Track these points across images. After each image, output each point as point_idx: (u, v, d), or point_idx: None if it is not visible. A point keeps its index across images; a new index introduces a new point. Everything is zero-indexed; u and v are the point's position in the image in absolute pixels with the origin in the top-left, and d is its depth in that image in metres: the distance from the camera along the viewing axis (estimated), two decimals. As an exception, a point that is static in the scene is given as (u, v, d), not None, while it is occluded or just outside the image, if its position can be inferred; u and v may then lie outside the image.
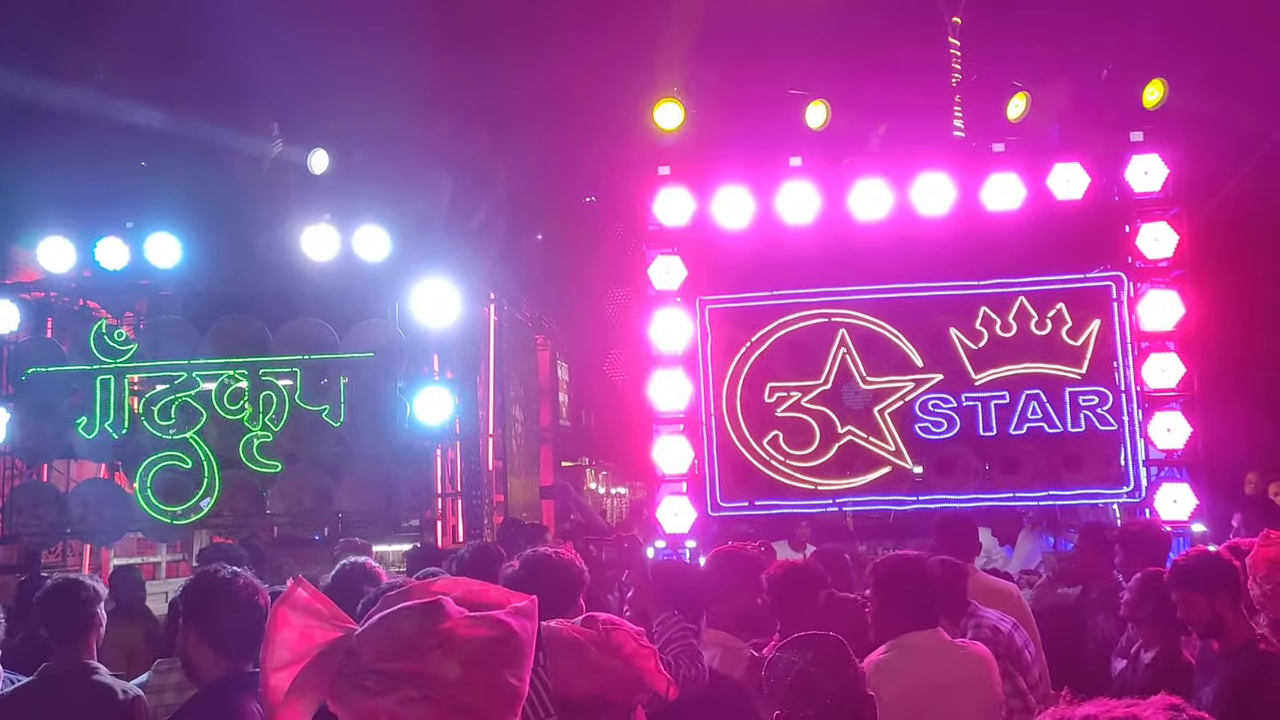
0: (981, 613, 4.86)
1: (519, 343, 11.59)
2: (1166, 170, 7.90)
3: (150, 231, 8.68)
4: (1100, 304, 8.03)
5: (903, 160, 8.21)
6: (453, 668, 1.54)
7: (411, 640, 1.54)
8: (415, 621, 1.56)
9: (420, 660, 1.54)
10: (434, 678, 1.53)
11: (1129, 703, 1.35)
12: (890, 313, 8.27)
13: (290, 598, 1.59)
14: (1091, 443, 7.96)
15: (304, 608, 1.59)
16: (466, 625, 1.58)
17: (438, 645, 1.54)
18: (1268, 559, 3.28)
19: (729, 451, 8.31)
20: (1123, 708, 1.33)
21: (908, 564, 3.90)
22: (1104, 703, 1.36)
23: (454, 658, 1.55)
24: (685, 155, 8.54)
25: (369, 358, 8.55)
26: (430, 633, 1.55)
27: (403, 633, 1.55)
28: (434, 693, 1.53)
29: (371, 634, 1.57)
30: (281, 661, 1.56)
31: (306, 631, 1.57)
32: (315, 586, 1.65)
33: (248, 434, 8.41)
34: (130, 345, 8.64)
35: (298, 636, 1.57)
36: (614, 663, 2.54)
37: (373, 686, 1.53)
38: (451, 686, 1.54)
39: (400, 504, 8.64)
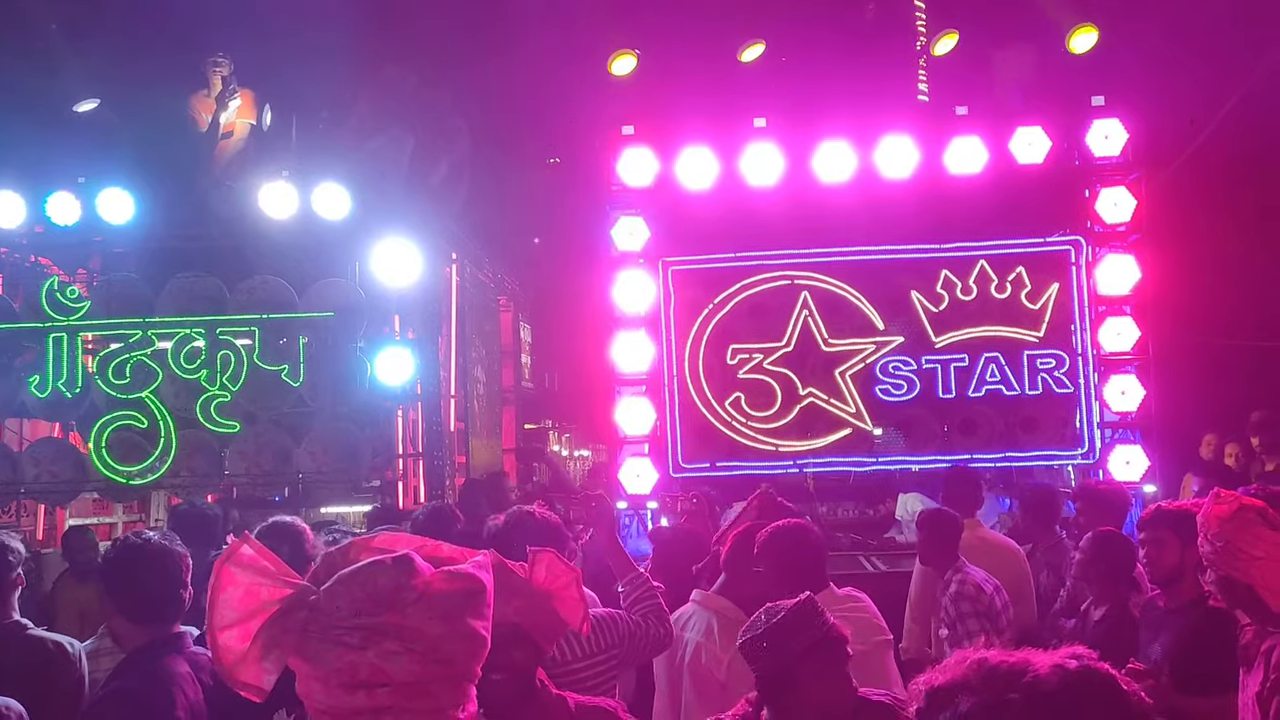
0: (968, 569, 4.96)
1: (482, 303, 11.52)
2: (1126, 135, 7.96)
3: (103, 186, 8.47)
4: (1059, 268, 8.11)
5: (867, 122, 8.20)
6: (433, 621, 1.56)
7: (390, 595, 1.55)
8: (391, 576, 1.57)
9: (401, 614, 1.55)
10: (416, 631, 1.55)
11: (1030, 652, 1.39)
12: (852, 275, 8.30)
13: (234, 555, 1.58)
14: (1048, 405, 8.07)
15: (249, 565, 1.58)
16: (442, 579, 1.60)
17: (417, 599, 1.56)
18: (1219, 516, 3.34)
19: (691, 413, 8.34)
20: (1021, 653, 1.37)
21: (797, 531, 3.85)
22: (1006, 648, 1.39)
23: (434, 611, 1.56)
24: (649, 115, 8.48)
25: (329, 317, 8.44)
26: (408, 587, 1.56)
27: (380, 587, 1.56)
28: (417, 645, 1.55)
29: (345, 589, 1.56)
30: (228, 620, 1.56)
31: (253, 589, 1.57)
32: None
33: (205, 394, 8.30)
34: (83, 303, 8.46)
35: (243, 594, 1.56)
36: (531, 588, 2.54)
37: (352, 641, 1.53)
38: (434, 639, 1.56)
39: (361, 465, 8.58)
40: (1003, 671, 1.33)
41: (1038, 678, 1.31)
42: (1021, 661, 1.34)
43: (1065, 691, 1.30)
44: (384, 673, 1.53)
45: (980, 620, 4.82)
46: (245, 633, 1.55)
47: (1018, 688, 1.31)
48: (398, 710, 1.54)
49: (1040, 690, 1.31)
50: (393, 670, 1.53)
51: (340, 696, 1.55)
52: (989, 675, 1.33)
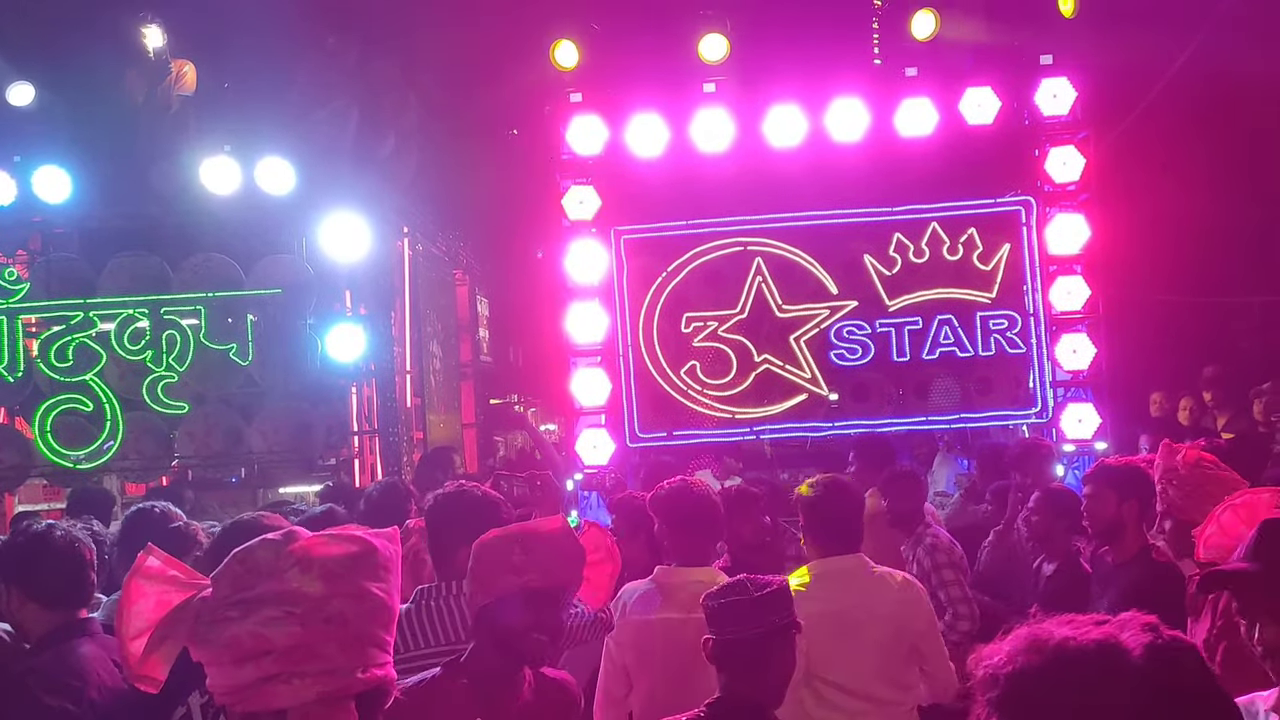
0: (935, 526, 5.23)
1: (436, 278, 11.38)
2: (1075, 93, 7.96)
3: (38, 164, 8.25)
4: (1010, 228, 8.13)
5: (817, 86, 8.14)
6: (312, 583, 1.56)
7: (267, 565, 1.56)
8: (268, 547, 1.58)
9: (279, 580, 1.55)
10: (295, 594, 1.55)
11: (1104, 620, 1.33)
12: (805, 240, 8.28)
13: (141, 569, 1.60)
14: (1001, 366, 8.12)
15: (156, 576, 1.60)
16: (321, 544, 1.60)
17: (294, 564, 1.56)
18: (1191, 461, 3.37)
19: (647, 382, 8.30)
20: (1099, 630, 1.31)
21: (835, 489, 3.86)
22: (1080, 623, 1.33)
23: (312, 573, 1.56)
24: (597, 82, 8.36)
25: (277, 294, 8.31)
26: (284, 555, 1.57)
27: (257, 560, 1.57)
28: (297, 609, 1.54)
29: (226, 570, 1.58)
30: (138, 629, 1.58)
31: (163, 598, 1.59)
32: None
33: (151, 375, 8.15)
34: (22, 284, 8.27)
35: (154, 605, 1.58)
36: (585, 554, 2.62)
37: (234, 615, 1.54)
38: (315, 601, 1.55)
39: (315, 443, 8.48)
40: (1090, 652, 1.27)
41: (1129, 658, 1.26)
42: (1107, 637, 1.28)
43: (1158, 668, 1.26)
44: (266, 639, 1.53)
45: (955, 570, 5.02)
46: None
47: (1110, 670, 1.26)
48: (286, 676, 1.53)
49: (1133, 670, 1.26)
50: (274, 635, 1.53)
51: (232, 673, 1.55)
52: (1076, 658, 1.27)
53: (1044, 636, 1.30)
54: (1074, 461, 7.78)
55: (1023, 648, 1.31)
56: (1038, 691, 1.27)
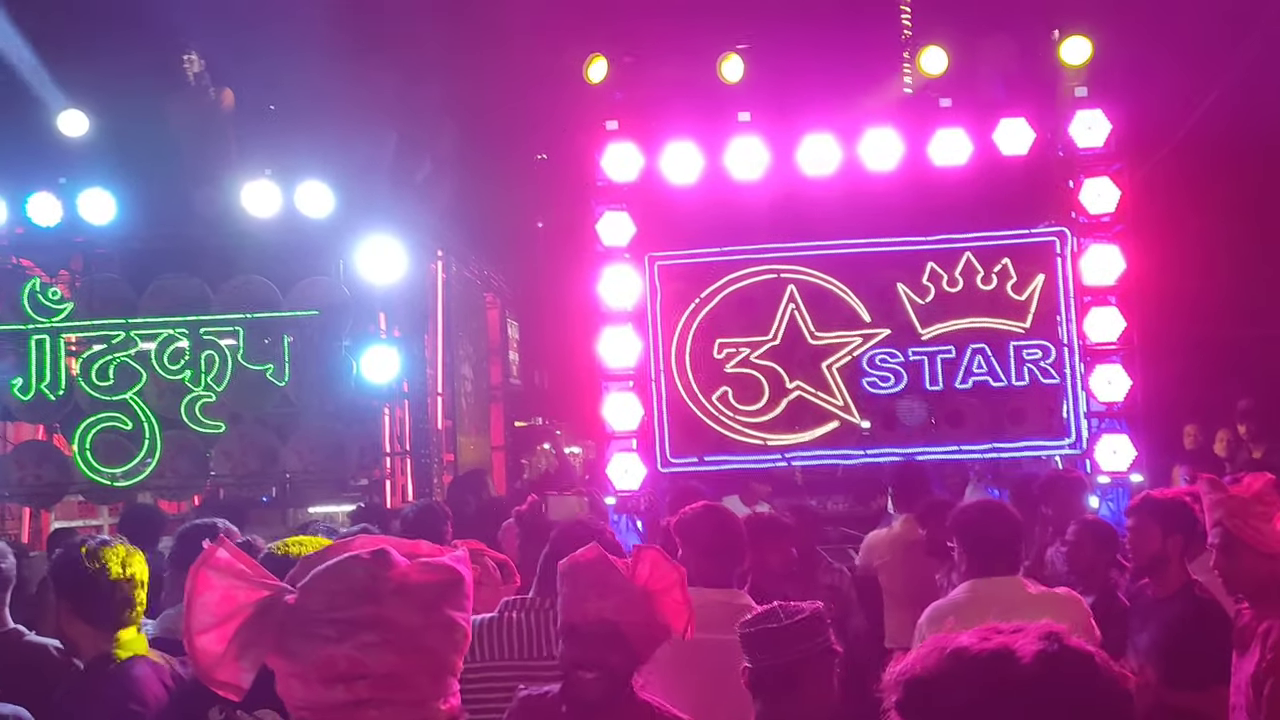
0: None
1: (468, 300, 11.49)
2: (1109, 126, 7.96)
3: (84, 187, 8.42)
4: (1044, 259, 8.13)
5: (851, 116, 8.20)
6: (410, 611, 1.55)
7: (366, 587, 1.55)
8: (367, 569, 1.56)
9: (378, 605, 1.54)
10: (393, 622, 1.54)
11: (1010, 627, 1.36)
12: (838, 268, 8.30)
13: (210, 559, 1.57)
14: (1034, 396, 8.09)
15: (225, 569, 1.57)
16: (418, 571, 1.59)
17: (394, 591, 1.55)
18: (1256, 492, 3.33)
19: (678, 408, 8.32)
20: (999, 637, 1.34)
21: (993, 510, 3.97)
22: (982, 631, 1.37)
23: (410, 602, 1.56)
24: (633, 110, 8.45)
25: (313, 316, 8.41)
26: (383, 579, 1.55)
27: (356, 580, 1.55)
28: (393, 636, 1.54)
29: (320, 585, 1.56)
30: (205, 624, 1.55)
31: (229, 593, 1.56)
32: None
33: (189, 394, 8.25)
34: (65, 304, 8.41)
35: (220, 598, 1.55)
36: (632, 586, 2.47)
37: (330, 634, 1.52)
38: (411, 630, 1.55)
39: (348, 463, 8.56)
40: (984, 659, 1.31)
41: (1020, 664, 1.30)
42: (1001, 645, 1.32)
43: (1047, 675, 1.29)
44: (362, 664, 1.52)
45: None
46: (222, 635, 1.54)
47: (1000, 675, 1.30)
48: (378, 702, 1.53)
49: (1023, 676, 1.29)
50: (371, 662, 1.52)
51: (320, 691, 1.54)
52: (970, 664, 1.31)
53: (945, 645, 1.35)
54: (1108, 494, 7.73)
55: (924, 655, 1.35)
56: (933, 696, 1.32)
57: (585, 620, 2.49)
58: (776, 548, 4.91)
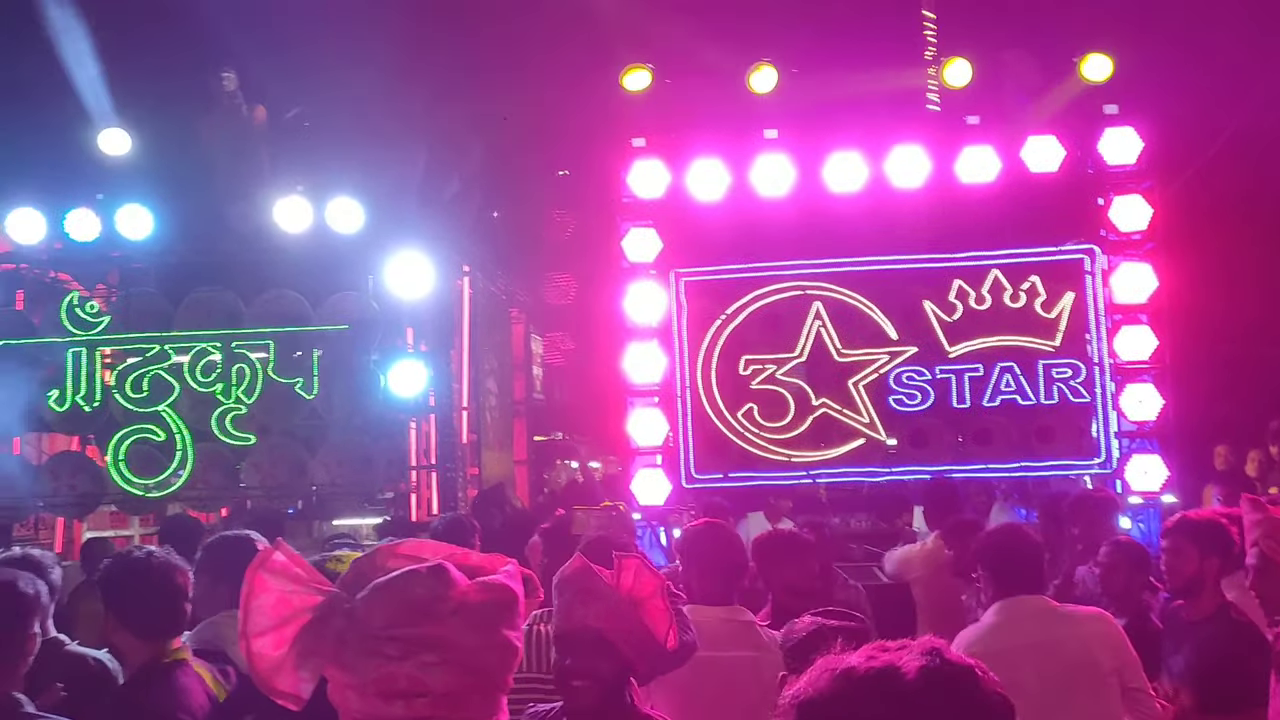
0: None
1: (493, 316, 11.54)
2: (1140, 143, 7.93)
3: (121, 203, 8.55)
4: (1074, 277, 8.09)
5: (877, 133, 8.21)
6: (470, 633, 1.57)
7: (426, 606, 1.55)
8: (427, 587, 1.57)
9: (438, 625, 1.55)
10: (453, 643, 1.55)
11: (895, 646, 1.40)
12: (865, 285, 8.30)
13: (267, 562, 1.58)
14: (1064, 415, 8.03)
15: (281, 572, 1.58)
16: (477, 591, 1.60)
17: (453, 611, 1.56)
18: None
19: (704, 424, 8.33)
20: (885, 655, 1.37)
21: (1013, 534, 4.02)
22: (868, 650, 1.40)
23: (470, 623, 1.57)
24: (659, 127, 8.51)
25: (343, 330, 8.49)
26: (444, 598, 1.56)
27: (416, 598, 1.56)
28: (454, 657, 1.55)
29: (381, 600, 1.56)
30: (262, 627, 1.56)
31: (285, 596, 1.57)
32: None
33: (220, 406, 8.34)
34: (102, 317, 8.53)
35: (275, 601, 1.57)
36: (615, 593, 2.49)
37: (391, 652, 1.53)
38: (470, 650, 1.56)
39: (375, 477, 8.61)
40: (870, 678, 1.34)
41: (904, 680, 1.33)
42: (887, 664, 1.35)
43: (931, 689, 1.32)
44: (422, 683, 1.54)
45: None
46: (279, 639, 1.55)
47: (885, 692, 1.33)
48: (435, 719, 1.55)
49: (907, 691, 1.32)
50: (431, 681, 1.54)
51: (378, 706, 1.55)
52: (857, 684, 1.34)
53: (833, 666, 1.37)
54: (1140, 514, 7.65)
55: (815, 678, 1.37)
56: (824, 716, 1.34)
57: (572, 628, 2.51)
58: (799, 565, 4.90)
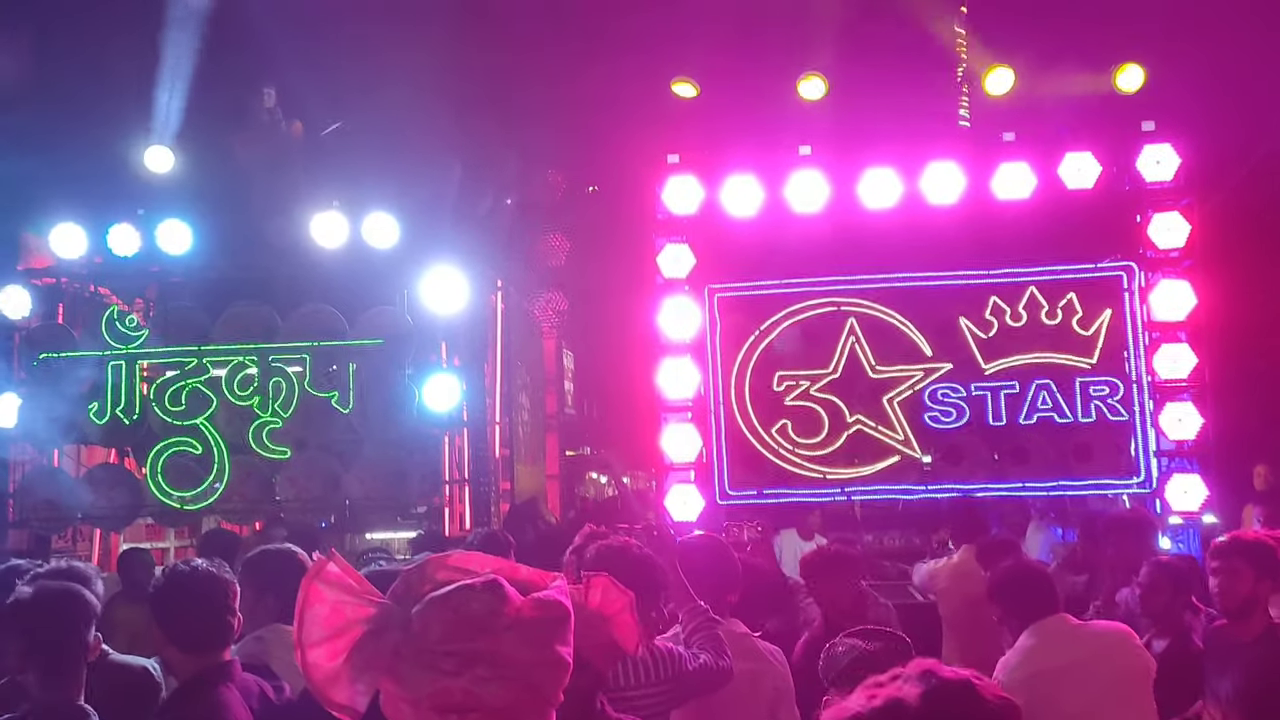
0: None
1: (526, 331, 11.60)
2: (1178, 159, 7.87)
3: (161, 218, 8.68)
4: (1111, 294, 8.02)
5: (912, 149, 8.19)
6: (524, 649, 1.57)
7: (482, 621, 1.56)
8: (483, 602, 1.57)
9: (494, 640, 1.56)
10: (509, 658, 1.56)
11: (887, 678, 1.44)
12: (899, 302, 8.26)
13: (322, 573, 1.59)
14: (1102, 433, 7.95)
15: (334, 583, 1.59)
16: (532, 607, 1.61)
17: (508, 627, 1.57)
18: None
19: (737, 440, 8.31)
20: (883, 690, 1.41)
21: (1020, 570, 4.24)
22: (866, 689, 1.44)
23: (524, 638, 1.58)
24: (694, 144, 8.54)
25: (378, 344, 8.56)
26: (499, 614, 1.57)
27: (473, 614, 1.56)
28: (508, 672, 1.55)
29: (436, 614, 1.57)
30: (317, 638, 1.57)
31: (339, 606, 1.58)
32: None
33: (257, 420, 8.43)
34: (141, 331, 8.65)
35: (329, 612, 1.58)
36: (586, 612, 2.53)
37: (447, 667, 1.54)
38: (525, 666, 1.57)
39: (409, 491, 8.66)
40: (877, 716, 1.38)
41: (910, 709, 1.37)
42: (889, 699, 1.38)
43: (935, 709, 1.36)
44: (477, 698, 1.54)
45: None
46: (333, 650, 1.56)
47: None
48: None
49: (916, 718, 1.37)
50: (486, 696, 1.55)
51: (432, 719, 1.56)
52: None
53: (839, 715, 1.42)
54: (1179, 534, 7.55)
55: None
56: None
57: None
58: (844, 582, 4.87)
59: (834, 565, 4.85)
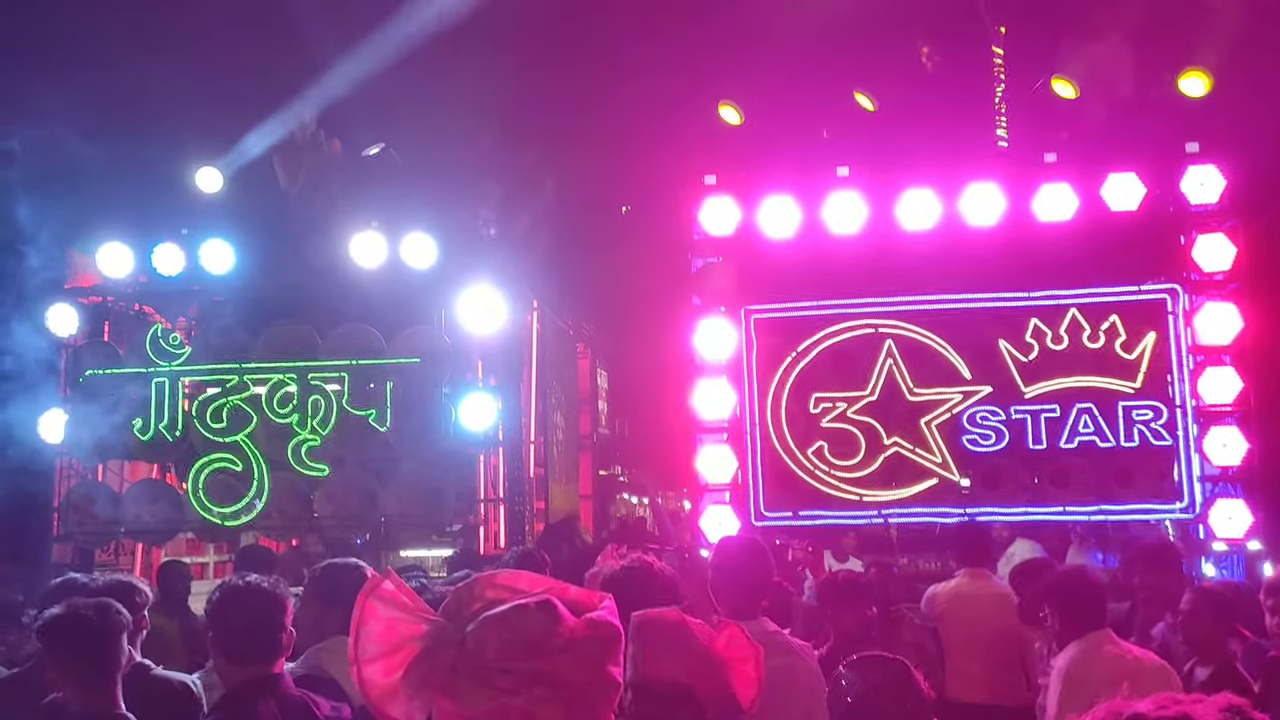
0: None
1: (561, 350, 11.63)
2: (1224, 181, 7.77)
3: (205, 238, 8.83)
4: (1155, 317, 7.91)
5: (951, 170, 8.15)
6: (579, 669, 1.58)
7: (539, 641, 1.57)
8: (539, 622, 1.58)
9: (550, 660, 1.57)
10: (564, 678, 1.57)
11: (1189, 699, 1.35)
12: (938, 324, 8.20)
13: (377, 590, 1.61)
14: (1145, 458, 7.83)
15: (389, 600, 1.61)
16: (585, 628, 1.62)
17: (563, 648, 1.58)
18: None
19: (773, 461, 8.28)
20: (1178, 705, 1.33)
21: (1074, 576, 4.39)
22: (1160, 699, 1.36)
23: (579, 658, 1.59)
24: (731, 165, 8.55)
25: (415, 363, 8.63)
26: (555, 634, 1.58)
27: (529, 633, 1.57)
28: (565, 693, 1.56)
29: (492, 633, 1.57)
30: (372, 654, 1.58)
31: (392, 623, 1.60)
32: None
33: (296, 437, 8.51)
34: (184, 349, 8.78)
35: (384, 628, 1.60)
36: (709, 653, 2.49)
37: (503, 685, 1.55)
38: (580, 686, 1.58)
39: (445, 509, 8.70)
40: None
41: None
42: (1181, 715, 1.31)
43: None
44: (534, 717, 1.55)
45: None
46: (388, 666, 1.58)
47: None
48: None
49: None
50: (542, 715, 1.55)
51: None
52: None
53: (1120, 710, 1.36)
54: (1223, 560, 7.41)
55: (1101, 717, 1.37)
56: None
57: (660, 680, 2.45)
58: (853, 608, 4.85)
59: (845, 592, 4.86)
